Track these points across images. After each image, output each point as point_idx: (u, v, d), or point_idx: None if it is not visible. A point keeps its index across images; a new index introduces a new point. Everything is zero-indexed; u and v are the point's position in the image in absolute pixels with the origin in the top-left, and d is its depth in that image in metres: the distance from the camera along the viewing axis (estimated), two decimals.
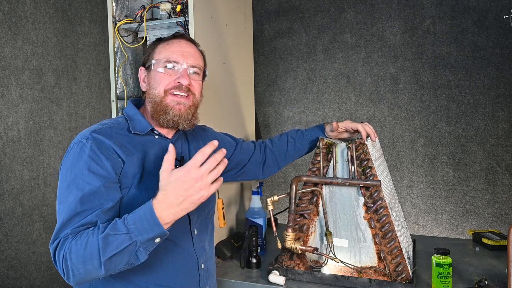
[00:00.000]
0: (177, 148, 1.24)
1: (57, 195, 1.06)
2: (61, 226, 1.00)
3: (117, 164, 1.07)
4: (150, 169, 1.13)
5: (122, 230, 0.95)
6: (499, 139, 2.47)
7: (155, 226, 0.95)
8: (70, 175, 1.04)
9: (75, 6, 2.46)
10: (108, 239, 0.94)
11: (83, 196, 1.01)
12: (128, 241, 0.95)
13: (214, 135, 1.45)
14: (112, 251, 0.94)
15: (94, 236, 0.95)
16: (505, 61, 2.44)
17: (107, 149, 1.07)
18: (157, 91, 1.18)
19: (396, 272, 1.29)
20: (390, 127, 2.70)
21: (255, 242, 1.54)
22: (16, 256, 2.07)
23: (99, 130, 1.11)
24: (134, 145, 1.13)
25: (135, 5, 1.73)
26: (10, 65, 2.06)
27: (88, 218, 1.00)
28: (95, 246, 0.94)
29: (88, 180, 1.03)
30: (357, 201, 1.35)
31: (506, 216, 2.45)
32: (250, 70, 2.14)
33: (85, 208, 1.01)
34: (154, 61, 1.20)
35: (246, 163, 1.51)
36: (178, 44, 1.21)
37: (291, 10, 2.92)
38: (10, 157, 2.05)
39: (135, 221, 0.95)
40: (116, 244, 0.94)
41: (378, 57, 2.71)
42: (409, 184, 2.66)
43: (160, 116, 1.17)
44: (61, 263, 0.96)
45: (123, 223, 0.96)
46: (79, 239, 0.96)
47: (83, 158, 1.05)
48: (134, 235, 0.95)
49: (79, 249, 0.95)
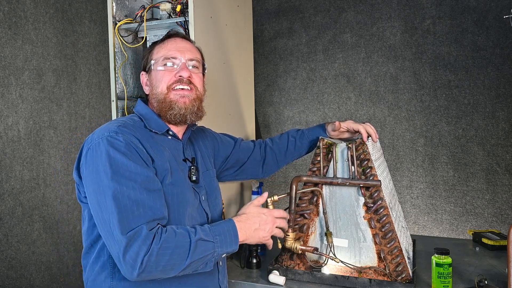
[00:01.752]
0: (187, 149, 1.26)
1: (95, 190, 1.01)
2: (127, 217, 0.96)
3: (148, 159, 1.07)
4: (172, 167, 1.14)
5: (210, 237, 1.04)
6: (499, 139, 2.47)
7: (234, 242, 1.07)
8: (111, 167, 1.00)
9: (75, 6, 2.46)
10: (200, 243, 1.01)
11: (139, 185, 1.00)
12: (211, 250, 1.03)
13: (212, 134, 1.46)
14: (199, 254, 1.01)
15: (186, 238, 1.00)
16: (505, 61, 2.44)
17: (138, 144, 1.07)
18: (160, 89, 1.19)
19: (396, 272, 1.29)
20: (390, 127, 2.70)
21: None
22: (16, 256, 2.07)
23: (125, 125, 1.10)
24: (156, 142, 1.14)
25: (135, 5, 1.73)
26: (10, 65, 2.06)
27: (156, 210, 1.01)
28: (186, 247, 0.99)
29: (135, 170, 1.01)
30: (357, 201, 1.35)
31: (506, 216, 2.45)
32: (250, 70, 2.14)
33: (146, 197, 1.00)
34: (153, 61, 1.21)
35: (245, 162, 1.51)
36: (173, 41, 1.23)
37: (291, 10, 2.92)
38: (10, 157, 2.05)
39: (220, 234, 1.05)
40: (203, 250, 1.01)
41: (378, 57, 2.71)
42: (409, 184, 2.66)
43: (167, 112, 1.18)
44: (141, 256, 0.94)
45: (210, 231, 1.04)
46: (169, 237, 0.98)
47: (119, 149, 1.02)
48: (217, 246, 1.04)
49: (169, 246, 0.97)
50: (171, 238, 0.98)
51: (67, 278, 2.32)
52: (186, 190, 1.16)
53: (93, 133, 1.10)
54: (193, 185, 1.21)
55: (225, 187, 1.75)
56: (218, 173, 1.45)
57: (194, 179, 1.20)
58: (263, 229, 1.14)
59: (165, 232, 0.99)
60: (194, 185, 1.21)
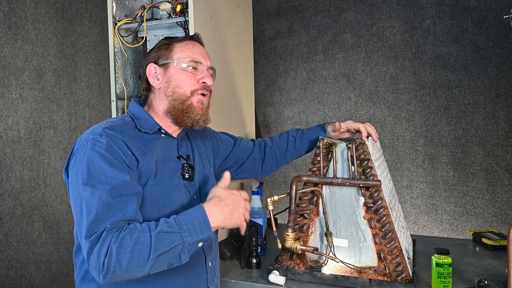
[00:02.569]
0: (182, 147, 1.26)
1: (73, 193, 1.02)
2: (95, 220, 0.96)
3: (132, 161, 1.06)
4: (161, 166, 1.14)
5: (175, 228, 0.98)
6: (499, 139, 2.47)
7: (205, 229, 1.00)
8: (89, 171, 1.00)
9: (75, 6, 2.46)
10: (161, 235, 0.95)
11: (112, 189, 0.99)
12: (179, 240, 0.97)
13: (212, 133, 1.46)
14: (163, 248, 0.95)
15: (145, 232, 0.95)
16: (505, 61, 2.44)
17: (122, 146, 1.06)
18: (183, 91, 1.19)
19: (396, 272, 1.29)
20: (390, 127, 2.70)
21: (255, 242, 1.54)
22: (16, 256, 2.07)
23: (111, 127, 1.09)
24: (145, 143, 1.14)
25: (135, 5, 1.73)
26: (10, 65, 2.06)
27: (126, 213, 0.99)
28: (147, 242, 0.94)
29: (112, 175, 1.01)
30: (357, 201, 1.35)
31: (506, 216, 2.45)
32: (250, 70, 2.14)
33: (117, 201, 0.99)
34: (176, 59, 1.21)
35: (245, 161, 1.51)
36: (195, 45, 1.25)
37: (291, 10, 2.92)
38: (10, 157, 2.05)
39: (187, 222, 0.99)
40: (169, 242, 0.96)
41: (378, 57, 2.71)
42: (409, 184, 2.66)
43: (185, 115, 1.19)
44: (102, 258, 0.93)
45: (175, 222, 0.99)
46: (128, 234, 0.94)
47: (100, 152, 1.02)
48: (185, 235, 0.98)
49: (128, 243, 0.93)
50: (130, 235, 0.94)
51: (67, 278, 2.32)
52: (173, 190, 1.14)
53: (82, 134, 1.10)
54: (186, 183, 1.20)
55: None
56: (217, 172, 1.45)
57: (187, 176, 1.19)
58: (237, 210, 1.08)
59: (124, 230, 0.95)
60: (188, 183, 1.20)
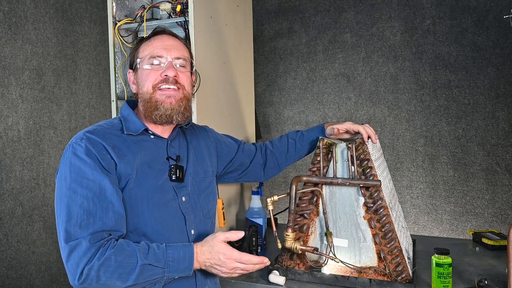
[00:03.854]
0: (174, 147, 1.23)
1: (56, 196, 1.05)
2: (75, 226, 0.98)
3: (110, 165, 1.07)
4: (144, 169, 1.12)
5: (161, 263, 1.02)
6: (499, 139, 2.47)
7: (187, 269, 1.06)
8: (70, 175, 1.03)
9: (75, 6, 2.46)
10: (146, 268, 1.00)
11: (94, 196, 1.01)
12: (160, 275, 1.02)
13: (216, 135, 1.44)
14: (144, 278, 1.00)
15: (132, 258, 0.99)
16: (505, 61, 2.44)
17: (101, 149, 1.07)
18: (146, 88, 1.17)
19: (396, 272, 1.29)
20: (390, 127, 2.70)
21: (255, 242, 1.54)
22: (16, 256, 2.07)
23: (93, 131, 1.11)
24: (128, 145, 1.13)
25: (135, 5, 1.73)
26: (10, 65, 2.06)
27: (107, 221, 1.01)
28: (130, 268, 0.98)
29: (93, 178, 1.03)
30: (357, 201, 1.35)
31: (506, 216, 2.45)
32: (250, 70, 2.14)
33: (97, 208, 1.01)
34: (139, 60, 1.19)
35: (249, 166, 1.50)
36: (160, 39, 1.20)
37: (291, 10, 2.92)
38: (10, 157, 2.05)
39: (174, 259, 1.03)
40: (151, 274, 1.00)
41: (378, 57, 2.71)
42: (409, 184, 2.66)
43: (152, 113, 1.15)
44: (81, 267, 0.96)
45: (163, 257, 1.02)
46: (113, 255, 0.97)
47: (80, 157, 1.04)
48: (167, 271, 1.02)
49: (111, 264, 0.97)
50: (115, 257, 0.97)
51: (67, 278, 2.32)
52: (155, 192, 1.12)
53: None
54: (175, 184, 1.17)
55: (225, 187, 1.75)
56: (220, 175, 1.44)
57: (174, 178, 1.16)
58: (219, 269, 1.09)
59: (112, 248, 0.98)
60: (176, 184, 1.18)
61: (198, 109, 1.55)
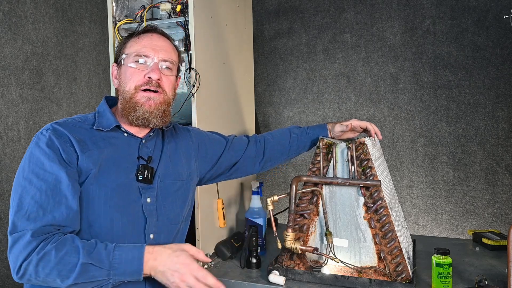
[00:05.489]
0: (148, 148, 1.19)
1: (14, 185, 1.03)
2: (22, 218, 0.96)
3: (72, 157, 1.04)
4: (109, 166, 1.09)
5: (105, 265, 0.94)
6: (499, 139, 2.47)
7: (136, 274, 0.97)
8: (29, 165, 1.02)
9: (75, 6, 2.46)
10: (88, 267, 0.93)
11: (47, 188, 0.99)
12: (105, 277, 0.95)
13: (200, 135, 1.38)
14: (85, 279, 0.94)
15: (73, 255, 0.93)
16: (505, 61, 2.44)
17: (65, 141, 1.05)
18: (128, 88, 1.14)
19: (396, 272, 1.29)
20: (390, 127, 2.70)
21: (255, 242, 1.54)
22: None
23: (62, 123, 1.10)
24: (95, 141, 1.10)
25: (135, 5, 1.73)
26: (10, 65, 2.06)
27: (57, 215, 0.97)
28: (70, 266, 0.92)
29: (50, 170, 1.00)
30: (357, 201, 1.35)
31: (506, 216, 2.45)
32: (250, 70, 2.14)
33: (50, 201, 0.98)
34: (124, 56, 1.16)
35: (239, 160, 1.45)
36: (149, 38, 1.16)
37: (291, 10, 2.92)
38: (10, 157, 2.05)
39: (120, 262, 0.95)
40: (92, 275, 0.94)
41: (378, 57, 2.71)
42: (409, 184, 2.66)
43: (130, 113, 1.12)
44: (20, 261, 0.93)
45: (107, 258, 0.95)
46: (54, 250, 0.92)
47: (41, 147, 1.03)
48: (113, 274, 0.95)
49: (51, 259, 0.92)
50: (56, 252, 0.92)
51: None
52: (117, 191, 1.08)
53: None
54: (141, 185, 1.13)
55: (225, 187, 1.75)
56: (210, 174, 1.39)
57: (140, 178, 1.12)
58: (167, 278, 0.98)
59: (53, 243, 0.93)
60: (143, 185, 1.13)
61: (198, 109, 1.55)
